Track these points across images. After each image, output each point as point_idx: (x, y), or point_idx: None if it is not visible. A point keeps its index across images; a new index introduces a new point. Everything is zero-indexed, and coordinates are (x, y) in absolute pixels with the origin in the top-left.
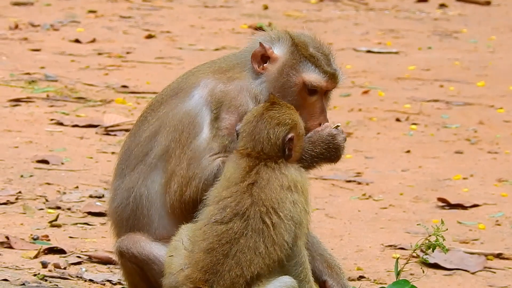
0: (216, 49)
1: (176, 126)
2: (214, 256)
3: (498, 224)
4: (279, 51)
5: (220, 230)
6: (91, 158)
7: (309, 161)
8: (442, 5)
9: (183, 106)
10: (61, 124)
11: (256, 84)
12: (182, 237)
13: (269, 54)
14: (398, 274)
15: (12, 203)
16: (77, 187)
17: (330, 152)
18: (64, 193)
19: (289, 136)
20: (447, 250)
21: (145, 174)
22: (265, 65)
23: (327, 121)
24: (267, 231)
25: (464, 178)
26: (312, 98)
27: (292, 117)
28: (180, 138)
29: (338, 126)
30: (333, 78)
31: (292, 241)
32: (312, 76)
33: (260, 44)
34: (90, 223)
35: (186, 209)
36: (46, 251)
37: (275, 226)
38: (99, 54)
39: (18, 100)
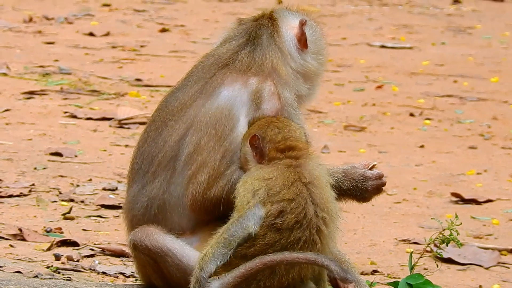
0: None
1: (207, 122)
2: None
3: None
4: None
5: (273, 239)
6: (105, 150)
7: (337, 193)
8: (456, 1)
9: (213, 104)
10: (74, 116)
11: (305, 60)
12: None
13: (304, 30)
14: (412, 268)
15: (25, 195)
16: (90, 179)
17: (357, 191)
18: (78, 185)
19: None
20: (461, 244)
21: (169, 179)
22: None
23: None
24: (320, 243)
25: (478, 173)
26: None
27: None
28: (216, 132)
29: (374, 165)
30: None
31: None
32: None
33: (299, 32)
34: (103, 216)
35: (206, 207)
36: (59, 244)
37: (327, 236)
38: (113, 47)
39: (32, 92)
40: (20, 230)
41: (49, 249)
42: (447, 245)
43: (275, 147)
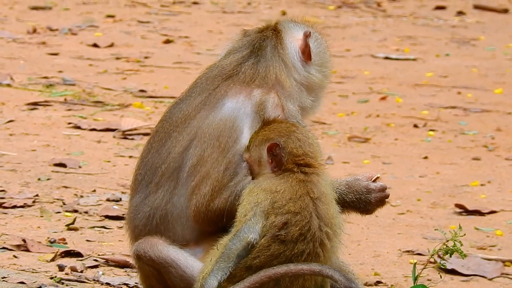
0: None
1: (211, 134)
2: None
3: None
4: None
5: (278, 250)
6: (109, 161)
7: (340, 205)
8: (460, 13)
9: (217, 115)
10: (78, 127)
11: (310, 72)
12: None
13: (308, 42)
14: (415, 279)
15: (29, 206)
16: (94, 190)
17: (360, 204)
18: (81, 196)
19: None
20: (465, 255)
21: (173, 190)
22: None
23: None
24: (322, 256)
25: (482, 185)
26: None
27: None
28: (219, 144)
29: (377, 177)
30: None
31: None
32: None
33: (303, 44)
34: (107, 227)
35: (210, 218)
36: (63, 254)
37: (330, 250)
38: (117, 58)
39: (35, 103)
40: (24, 241)
41: (53, 260)
42: (450, 256)
43: (294, 161)
